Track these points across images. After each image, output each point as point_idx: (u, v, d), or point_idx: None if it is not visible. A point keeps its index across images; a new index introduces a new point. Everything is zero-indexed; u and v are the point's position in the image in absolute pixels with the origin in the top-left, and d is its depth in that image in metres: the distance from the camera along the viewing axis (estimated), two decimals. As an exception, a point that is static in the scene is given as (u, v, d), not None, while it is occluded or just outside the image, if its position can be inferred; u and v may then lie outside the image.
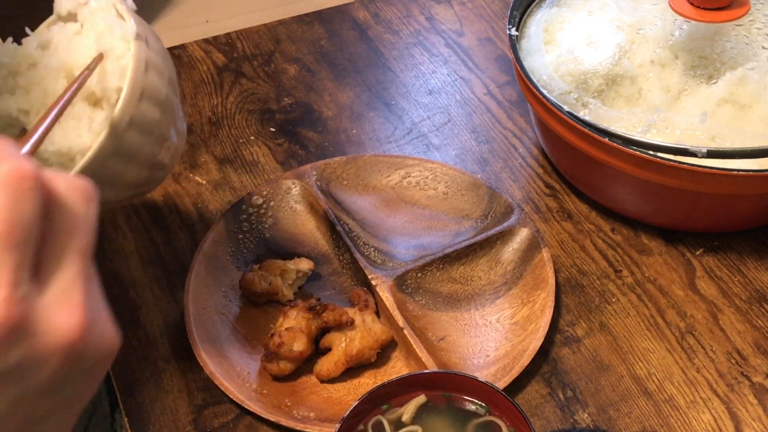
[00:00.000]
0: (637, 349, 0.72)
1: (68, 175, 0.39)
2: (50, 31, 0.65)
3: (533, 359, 0.68)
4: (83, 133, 0.59)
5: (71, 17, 0.66)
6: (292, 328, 0.68)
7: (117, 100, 0.58)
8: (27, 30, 0.67)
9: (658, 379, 0.70)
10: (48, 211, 0.37)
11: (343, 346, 0.68)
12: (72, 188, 0.38)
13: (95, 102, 0.59)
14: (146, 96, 0.59)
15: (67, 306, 0.36)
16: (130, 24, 0.60)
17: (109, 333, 0.39)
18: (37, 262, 0.36)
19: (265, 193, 0.81)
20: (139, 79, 0.59)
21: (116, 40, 0.60)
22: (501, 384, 0.65)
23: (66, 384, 0.39)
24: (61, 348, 0.36)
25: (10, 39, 0.66)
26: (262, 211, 0.81)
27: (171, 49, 1.03)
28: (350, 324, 0.69)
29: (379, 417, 0.57)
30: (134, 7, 0.64)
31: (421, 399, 0.58)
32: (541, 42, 0.83)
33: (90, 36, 0.62)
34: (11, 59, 0.63)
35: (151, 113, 0.59)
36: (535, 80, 0.77)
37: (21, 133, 0.61)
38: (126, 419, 0.67)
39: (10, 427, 0.38)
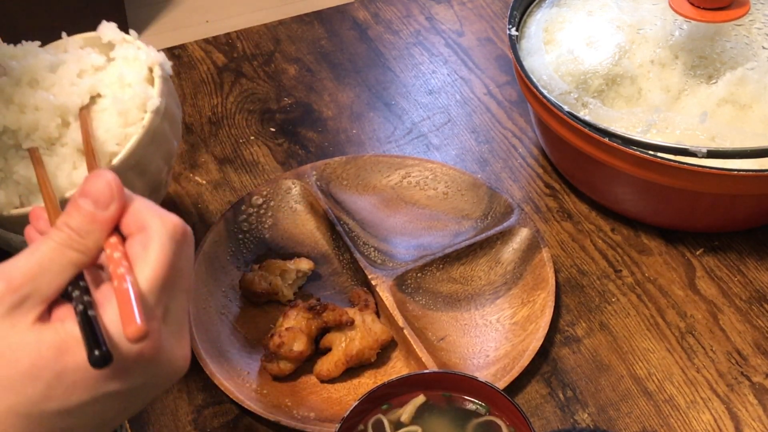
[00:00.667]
0: (637, 349, 0.72)
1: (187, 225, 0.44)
2: (72, 54, 0.64)
3: (533, 359, 0.68)
4: (65, 177, 0.60)
5: (108, 47, 0.66)
6: (292, 328, 0.68)
7: (108, 163, 0.58)
8: (63, 35, 0.66)
9: (658, 379, 0.70)
10: None
11: (343, 346, 0.68)
12: (189, 236, 0.44)
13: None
14: (138, 168, 0.60)
15: (180, 340, 0.43)
16: (155, 97, 0.60)
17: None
18: None
19: (265, 193, 0.81)
20: (137, 152, 0.59)
21: (134, 108, 0.61)
22: (501, 384, 0.65)
23: (155, 401, 0.46)
24: (173, 375, 0.43)
25: (37, 43, 0.65)
26: (262, 211, 0.81)
27: (171, 49, 1.03)
28: (350, 324, 0.69)
29: (380, 417, 0.57)
30: (170, 72, 0.64)
31: (420, 399, 0.58)
32: (541, 42, 0.83)
33: (108, 86, 0.62)
34: (22, 65, 0.63)
35: (132, 182, 0.60)
36: (535, 80, 0.77)
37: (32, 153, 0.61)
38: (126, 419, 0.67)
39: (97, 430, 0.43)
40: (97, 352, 0.37)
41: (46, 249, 0.41)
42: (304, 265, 0.75)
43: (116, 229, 0.43)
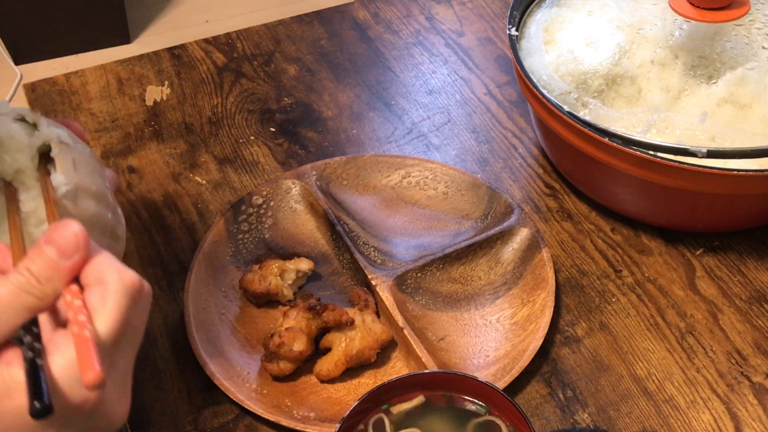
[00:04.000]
0: (637, 349, 0.72)
1: (145, 282, 0.45)
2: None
3: (533, 359, 0.68)
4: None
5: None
6: (292, 328, 0.68)
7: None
8: None
9: (658, 379, 0.70)
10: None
11: (343, 346, 0.68)
12: (145, 293, 0.45)
13: None
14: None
15: (122, 394, 0.44)
16: (62, 185, 0.55)
17: None
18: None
19: (265, 193, 0.81)
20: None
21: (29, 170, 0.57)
22: (501, 384, 0.65)
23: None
24: (109, 427, 0.44)
25: None
26: (262, 211, 0.81)
27: (171, 49, 1.03)
28: (350, 324, 0.69)
29: (380, 417, 0.57)
30: (69, 141, 0.58)
31: (420, 399, 0.58)
32: (541, 42, 0.83)
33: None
34: None
35: None
36: (535, 80, 0.77)
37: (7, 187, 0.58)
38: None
39: None
40: (37, 404, 0.38)
41: (4, 291, 0.41)
42: (304, 265, 0.75)
43: (76, 279, 0.43)
